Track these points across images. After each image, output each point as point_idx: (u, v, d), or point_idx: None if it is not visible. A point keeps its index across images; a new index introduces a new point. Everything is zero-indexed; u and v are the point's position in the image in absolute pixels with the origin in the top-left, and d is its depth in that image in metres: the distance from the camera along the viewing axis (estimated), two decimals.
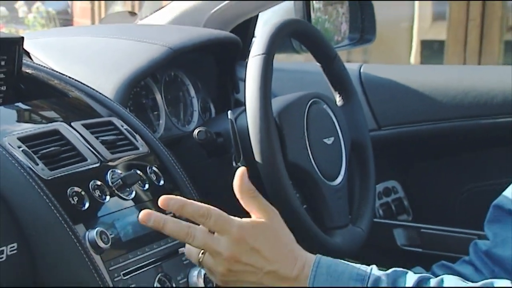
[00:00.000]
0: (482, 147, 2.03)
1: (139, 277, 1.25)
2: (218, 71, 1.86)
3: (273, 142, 1.45)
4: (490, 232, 1.49)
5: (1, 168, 1.18)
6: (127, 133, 1.41)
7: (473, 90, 1.99)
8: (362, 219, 1.63)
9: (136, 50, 1.65)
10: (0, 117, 1.31)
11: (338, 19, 2.09)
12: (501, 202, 1.48)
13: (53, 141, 1.28)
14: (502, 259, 1.46)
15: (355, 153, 1.69)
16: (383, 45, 4.24)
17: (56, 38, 1.83)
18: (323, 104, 1.63)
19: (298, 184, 1.53)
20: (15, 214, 1.17)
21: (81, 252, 1.17)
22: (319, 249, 1.51)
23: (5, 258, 1.13)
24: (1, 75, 1.43)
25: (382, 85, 2.05)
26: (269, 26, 1.52)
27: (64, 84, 1.48)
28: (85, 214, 1.22)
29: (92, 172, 1.28)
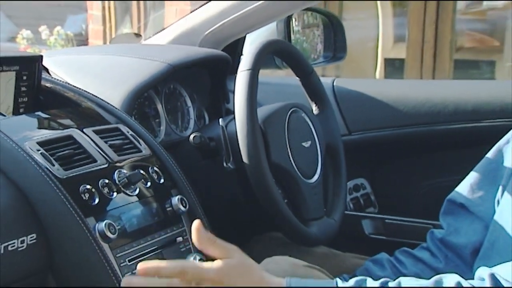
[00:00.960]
0: (437, 149, 2.04)
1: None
2: (211, 84, 1.85)
3: (258, 145, 1.45)
4: (444, 222, 1.49)
5: (22, 168, 1.18)
6: (132, 138, 1.40)
7: (429, 101, 2.00)
8: (335, 212, 1.63)
9: (140, 66, 1.64)
10: (22, 124, 1.31)
11: (314, 40, 2.09)
12: (454, 197, 1.48)
13: (68, 145, 1.27)
14: (455, 246, 1.46)
15: (329, 155, 1.68)
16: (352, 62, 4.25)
17: (71, 56, 1.82)
18: (301, 112, 1.63)
19: (280, 182, 1.52)
20: (34, 208, 1.16)
21: (92, 241, 1.17)
22: (298, 238, 1.51)
23: (25, 246, 1.13)
24: (23, 88, 1.42)
25: (352, 96, 2.06)
26: (255, 45, 1.53)
27: (77, 95, 1.48)
28: (95, 208, 1.21)
29: (101, 172, 1.27)
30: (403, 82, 3.28)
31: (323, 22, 2.08)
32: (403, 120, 2.01)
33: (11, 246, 1.10)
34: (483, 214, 1.43)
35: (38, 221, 1.16)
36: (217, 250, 1.17)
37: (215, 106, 1.84)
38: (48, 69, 1.60)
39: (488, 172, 1.45)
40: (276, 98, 1.64)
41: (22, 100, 1.41)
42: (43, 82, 1.46)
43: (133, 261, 1.22)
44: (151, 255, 1.26)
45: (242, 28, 1.85)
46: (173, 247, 1.30)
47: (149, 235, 1.28)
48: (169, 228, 1.31)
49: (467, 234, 1.45)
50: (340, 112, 2.03)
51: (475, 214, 1.45)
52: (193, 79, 1.80)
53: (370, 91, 2.07)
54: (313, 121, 1.65)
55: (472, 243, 1.44)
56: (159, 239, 1.29)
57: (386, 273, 1.46)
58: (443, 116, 1.98)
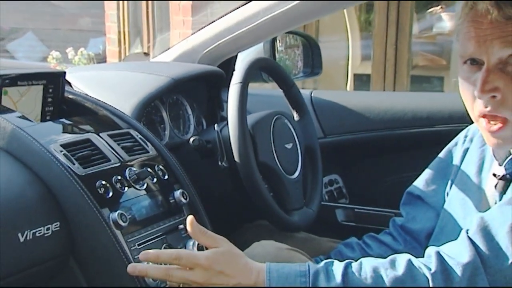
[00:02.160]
0: (398, 150, 2.03)
1: (150, 247, 1.22)
2: (208, 95, 1.84)
3: (248, 147, 1.45)
4: (403, 211, 1.49)
5: (48, 167, 1.16)
6: (141, 141, 1.38)
7: (391, 109, 2.00)
8: (312, 203, 1.63)
9: (148, 80, 1.63)
10: (48, 129, 1.30)
11: (295, 58, 2.08)
12: (411, 190, 1.48)
13: (86, 147, 1.25)
14: (412, 231, 1.46)
15: (308, 155, 1.68)
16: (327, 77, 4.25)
17: (90, 72, 1.81)
18: (284, 119, 1.62)
19: (266, 178, 1.52)
20: (58, 200, 1.15)
21: (106, 228, 1.16)
22: (282, 225, 1.51)
23: (51, 233, 1.11)
24: (49, 99, 1.41)
25: (327, 105, 2.05)
26: (245, 63, 1.53)
27: (95, 105, 1.46)
28: (109, 200, 1.20)
29: (114, 169, 1.26)
30: (369, 94, 3.31)
31: (303, 43, 2.07)
32: (369, 125, 2.01)
33: (39, 233, 1.09)
34: (435, 204, 1.44)
35: (61, 211, 1.15)
36: (207, 240, 1.18)
37: (211, 114, 1.83)
38: (70, 83, 1.59)
39: (440, 169, 1.45)
40: (262, 107, 1.63)
41: (48, 109, 1.40)
42: (66, 94, 1.45)
43: (141, 245, 1.21)
44: (157, 240, 1.25)
45: (234, 48, 1.85)
46: (175, 233, 1.29)
47: (155, 223, 1.27)
48: (172, 217, 1.30)
49: (422, 221, 1.45)
50: (317, 119, 2.03)
51: (429, 204, 1.45)
52: (193, 91, 1.78)
53: (342, 101, 2.07)
54: (294, 126, 1.65)
55: (426, 229, 1.44)
56: (163, 227, 1.28)
57: (355, 254, 1.45)
58: (403, 122, 1.98)
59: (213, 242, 1.17)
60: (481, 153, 1.34)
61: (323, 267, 1.13)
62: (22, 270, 1.09)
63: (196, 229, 1.18)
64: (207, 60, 1.85)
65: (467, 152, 1.39)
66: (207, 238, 1.17)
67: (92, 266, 1.16)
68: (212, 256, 1.14)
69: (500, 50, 1.11)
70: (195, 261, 1.13)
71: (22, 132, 1.18)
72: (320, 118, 2.04)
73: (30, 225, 1.08)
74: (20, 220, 1.08)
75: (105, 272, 1.16)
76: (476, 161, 1.34)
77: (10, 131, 1.18)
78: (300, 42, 2.07)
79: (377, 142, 2.02)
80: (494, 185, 1.25)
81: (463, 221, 1.31)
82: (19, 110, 1.30)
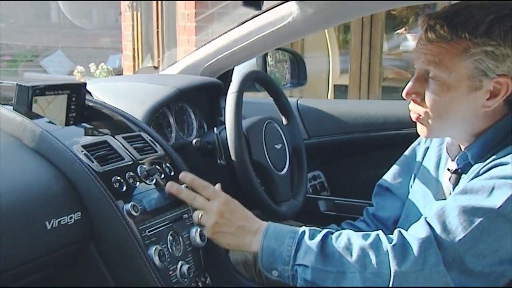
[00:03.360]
0: (371, 150, 2.03)
1: (159, 233, 1.22)
2: (209, 103, 1.83)
3: (243, 147, 1.44)
4: (374, 201, 1.49)
5: (70, 164, 1.15)
6: (151, 142, 1.37)
7: (366, 114, 2.00)
8: (298, 195, 1.62)
9: (156, 90, 1.62)
10: (71, 132, 1.29)
11: (284, 71, 2.08)
12: (381, 183, 1.48)
13: (103, 148, 1.24)
14: (382, 218, 1.46)
15: (295, 154, 1.67)
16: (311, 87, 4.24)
17: (107, 83, 1.80)
18: (274, 123, 1.61)
19: (259, 174, 1.51)
20: (79, 193, 1.14)
21: (121, 218, 1.15)
22: (272, 214, 1.50)
23: (73, 221, 1.11)
24: (73, 106, 1.39)
25: (311, 111, 2.05)
26: (240, 74, 1.52)
27: (111, 111, 1.45)
28: (123, 194, 1.19)
29: (128, 167, 1.25)
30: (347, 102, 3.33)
31: (290, 58, 2.07)
32: (347, 128, 2.01)
33: (63, 221, 1.09)
34: (401, 195, 1.44)
35: (82, 203, 1.14)
36: (210, 192, 1.23)
37: (211, 119, 1.82)
38: (90, 93, 1.57)
39: (405, 165, 1.45)
40: (255, 113, 1.62)
41: (71, 115, 1.39)
42: (87, 102, 1.43)
43: (151, 232, 1.20)
44: (164, 228, 1.24)
45: (231, 62, 1.84)
46: (180, 222, 1.28)
47: (163, 213, 1.25)
48: (177, 208, 1.29)
49: (390, 209, 1.45)
50: (303, 123, 2.02)
51: (396, 195, 1.45)
52: (196, 99, 1.78)
53: (324, 108, 2.07)
54: (283, 129, 1.64)
55: (393, 216, 1.44)
56: (170, 216, 1.27)
57: None
58: (375, 126, 1.98)
59: (215, 194, 1.22)
60: (439, 152, 1.35)
61: (311, 229, 1.16)
62: (49, 253, 1.08)
63: (198, 183, 1.23)
64: (208, 72, 1.85)
65: (427, 150, 1.39)
66: (209, 191, 1.22)
67: (109, 249, 1.15)
68: (230, 198, 1.21)
69: (423, 64, 1.17)
70: (217, 194, 1.21)
71: (49, 135, 1.18)
72: (305, 122, 2.03)
73: (55, 215, 1.07)
74: (47, 210, 1.07)
75: (119, 255, 1.15)
76: (435, 158, 1.35)
77: (39, 134, 1.17)
78: (288, 57, 2.06)
79: (354, 143, 2.02)
80: (449, 178, 1.25)
81: (424, 209, 1.31)
82: (47, 116, 1.29)
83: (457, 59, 1.12)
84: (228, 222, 1.19)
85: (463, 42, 1.11)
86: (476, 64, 1.11)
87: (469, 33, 1.10)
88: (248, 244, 1.18)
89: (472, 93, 1.14)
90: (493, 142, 1.16)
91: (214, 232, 1.20)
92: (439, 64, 1.14)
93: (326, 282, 1.11)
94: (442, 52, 1.13)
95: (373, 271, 1.08)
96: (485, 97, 1.14)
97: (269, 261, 1.15)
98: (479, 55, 1.11)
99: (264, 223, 1.19)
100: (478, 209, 1.06)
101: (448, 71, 1.13)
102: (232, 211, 1.19)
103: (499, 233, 1.05)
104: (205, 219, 1.21)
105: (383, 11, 4.23)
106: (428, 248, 1.06)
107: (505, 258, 1.06)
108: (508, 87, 1.13)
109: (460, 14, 1.12)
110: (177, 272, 1.22)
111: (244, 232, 1.18)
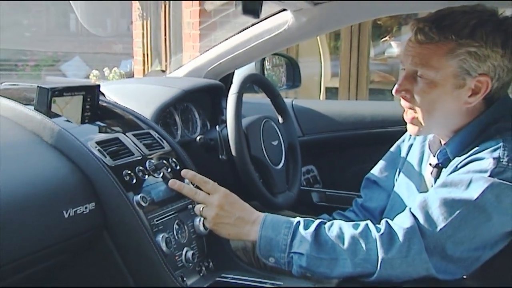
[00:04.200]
0: (360, 146, 2.02)
1: (165, 222, 1.21)
2: (211, 103, 1.82)
3: (242, 144, 1.43)
4: (363, 193, 1.48)
5: (85, 159, 1.14)
6: (158, 139, 1.36)
7: (355, 114, 2.00)
8: (293, 187, 1.61)
9: (164, 91, 1.61)
10: (86, 130, 1.28)
11: (280, 74, 2.07)
12: (369, 176, 1.48)
13: (115, 144, 1.23)
14: (369, 209, 1.45)
15: (290, 150, 1.65)
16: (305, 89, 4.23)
17: (119, 85, 1.78)
18: (271, 122, 1.60)
19: (257, 168, 1.50)
20: (93, 186, 1.13)
21: (131, 208, 1.14)
22: (269, 205, 1.49)
23: (88, 211, 1.09)
24: (87, 106, 1.38)
25: (305, 111, 2.04)
26: (240, 77, 1.51)
27: (122, 111, 1.44)
28: (133, 186, 1.18)
29: (137, 161, 1.24)
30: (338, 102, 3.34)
31: (286, 63, 2.05)
32: (338, 127, 2.00)
33: (79, 211, 1.07)
34: (387, 187, 1.43)
35: (96, 194, 1.13)
36: (211, 188, 1.22)
37: (214, 117, 1.80)
38: (104, 94, 1.56)
39: (391, 160, 1.45)
40: (254, 112, 1.61)
41: (86, 114, 1.37)
42: (100, 102, 1.42)
43: (159, 221, 1.19)
44: (170, 217, 1.23)
45: (232, 66, 1.83)
46: (185, 212, 1.27)
47: (169, 204, 1.24)
48: (182, 199, 1.27)
49: (377, 200, 1.45)
50: (297, 122, 2.01)
51: (382, 187, 1.44)
52: (200, 100, 1.76)
53: (317, 108, 2.06)
54: (279, 127, 1.63)
55: (380, 207, 1.43)
56: (176, 206, 1.26)
57: None
58: (363, 125, 1.97)
59: (215, 189, 1.21)
60: (422, 148, 1.34)
61: (305, 220, 1.16)
62: (67, 239, 1.07)
63: (199, 179, 1.22)
64: (211, 75, 1.84)
65: (411, 147, 1.39)
66: (209, 185, 1.21)
67: (120, 236, 1.14)
68: (228, 192, 1.20)
69: (411, 64, 1.16)
70: (217, 189, 1.20)
71: (67, 132, 1.16)
72: (300, 121, 2.02)
73: (72, 205, 1.06)
74: (64, 200, 1.06)
75: (130, 241, 1.14)
76: (418, 154, 1.34)
77: (57, 132, 1.16)
78: (284, 62, 2.05)
79: (344, 140, 2.01)
80: (430, 172, 1.25)
81: (408, 200, 1.31)
82: (64, 115, 1.27)
83: (444, 59, 1.12)
84: (228, 214, 1.18)
85: (449, 43, 1.12)
86: (461, 63, 1.12)
87: (455, 35, 1.11)
88: (247, 233, 1.17)
89: (456, 90, 1.14)
90: (470, 137, 1.16)
91: (215, 224, 1.19)
92: (426, 64, 1.14)
93: (319, 268, 1.11)
94: (430, 53, 1.13)
95: (362, 258, 1.08)
96: (467, 94, 1.14)
97: (266, 249, 1.14)
98: (463, 55, 1.12)
99: (261, 214, 1.18)
100: (457, 201, 1.06)
101: (435, 70, 1.13)
102: (231, 204, 1.19)
103: (476, 223, 1.06)
104: (207, 211, 1.20)
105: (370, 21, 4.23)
106: (412, 237, 1.06)
107: (480, 244, 1.07)
108: (488, 85, 1.13)
109: (447, 18, 1.13)
110: (182, 258, 1.21)
111: (243, 222, 1.17)
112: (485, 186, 1.05)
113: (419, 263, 1.06)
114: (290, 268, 1.13)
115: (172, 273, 1.14)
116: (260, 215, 1.18)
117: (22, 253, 0.98)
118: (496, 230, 1.07)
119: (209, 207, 1.19)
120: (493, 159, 1.07)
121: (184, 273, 1.20)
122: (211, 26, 4.60)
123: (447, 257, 1.07)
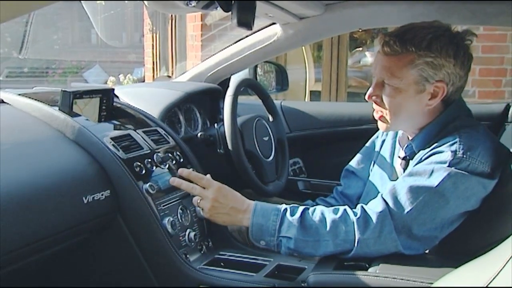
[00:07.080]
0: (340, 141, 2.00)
1: (171, 207, 1.21)
2: (211, 104, 1.80)
3: (238, 139, 1.42)
4: (342, 182, 1.47)
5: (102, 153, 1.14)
6: (164, 135, 1.36)
7: (335, 113, 1.99)
8: (282, 177, 1.60)
9: (169, 94, 1.60)
10: (102, 128, 1.27)
11: (270, 79, 2.05)
12: (348, 167, 1.47)
13: (127, 139, 1.23)
14: (348, 195, 1.45)
15: (279, 144, 1.64)
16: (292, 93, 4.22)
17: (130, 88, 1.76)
18: (263, 120, 1.59)
19: (250, 160, 1.49)
20: (108, 175, 1.13)
21: (141, 195, 1.14)
22: (261, 192, 1.49)
23: (104, 198, 1.09)
24: (103, 107, 1.37)
25: (292, 111, 2.02)
26: (236, 81, 1.50)
27: (133, 111, 1.43)
28: (143, 176, 1.18)
29: (146, 155, 1.23)
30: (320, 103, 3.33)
31: (275, 69, 2.04)
32: (321, 124, 1.98)
33: (96, 197, 1.07)
34: (363, 177, 1.43)
35: (111, 183, 1.12)
36: (205, 182, 1.19)
37: (213, 116, 1.79)
38: (118, 96, 1.55)
39: (366, 154, 1.45)
40: (248, 112, 1.60)
41: (102, 114, 1.36)
42: (115, 103, 1.41)
43: (165, 206, 1.19)
44: (175, 203, 1.23)
45: (228, 72, 1.82)
46: (188, 198, 1.26)
47: (174, 191, 1.24)
48: None
49: (354, 188, 1.44)
50: (285, 120, 1.99)
51: (359, 177, 1.44)
52: (201, 101, 1.75)
53: (302, 108, 2.04)
54: (270, 125, 1.62)
55: (357, 194, 1.43)
56: (180, 194, 1.25)
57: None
58: (342, 122, 1.96)
59: (209, 183, 1.19)
60: (393, 144, 1.35)
61: (291, 207, 1.15)
62: (86, 221, 1.07)
63: (194, 175, 1.20)
64: (210, 80, 1.82)
65: (384, 142, 1.39)
66: (204, 180, 1.19)
67: (132, 220, 1.14)
68: (221, 185, 1.18)
69: (379, 74, 1.18)
70: (211, 184, 1.18)
71: (86, 130, 1.16)
72: (287, 119, 2.01)
73: (90, 192, 1.06)
74: (84, 188, 1.06)
75: (140, 224, 1.14)
76: (389, 148, 1.34)
77: (78, 129, 1.16)
78: (274, 68, 2.04)
79: (326, 136, 2.00)
80: (400, 163, 1.26)
81: (381, 188, 1.31)
82: (84, 114, 1.27)
83: (405, 69, 1.14)
84: (222, 205, 1.16)
85: (410, 55, 1.13)
86: (420, 72, 1.14)
87: (415, 47, 1.13)
88: (240, 221, 1.16)
89: (418, 95, 1.15)
90: (432, 134, 1.17)
91: (212, 214, 1.18)
92: (391, 75, 1.15)
93: (305, 249, 1.11)
94: (394, 65, 1.15)
95: (342, 238, 1.08)
96: (427, 98, 1.16)
97: (257, 234, 1.13)
98: (422, 65, 1.13)
99: (251, 203, 1.16)
100: (421, 187, 1.07)
101: (399, 79, 1.15)
102: (224, 196, 1.17)
103: (436, 206, 1.07)
104: (203, 204, 1.18)
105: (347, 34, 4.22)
106: (384, 219, 1.07)
107: (439, 224, 1.08)
108: (444, 90, 1.15)
109: (408, 33, 1.15)
110: (185, 238, 1.21)
111: (235, 211, 1.16)
112: (444, 175, 1.06)
113: (390, 242, 1.07)
114: (279, 249, 1.13)
115: (177, 251, 1.14)
116: (250, 204, 1.16)
117: (49, 232, 0.98)
118: (452, 211, 1.08)
119: (205, 199, 1.17)
120: (451, 152, 1.08)
121: (187, 251, 1.20)
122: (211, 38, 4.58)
123: (413, 236, 1.07)
